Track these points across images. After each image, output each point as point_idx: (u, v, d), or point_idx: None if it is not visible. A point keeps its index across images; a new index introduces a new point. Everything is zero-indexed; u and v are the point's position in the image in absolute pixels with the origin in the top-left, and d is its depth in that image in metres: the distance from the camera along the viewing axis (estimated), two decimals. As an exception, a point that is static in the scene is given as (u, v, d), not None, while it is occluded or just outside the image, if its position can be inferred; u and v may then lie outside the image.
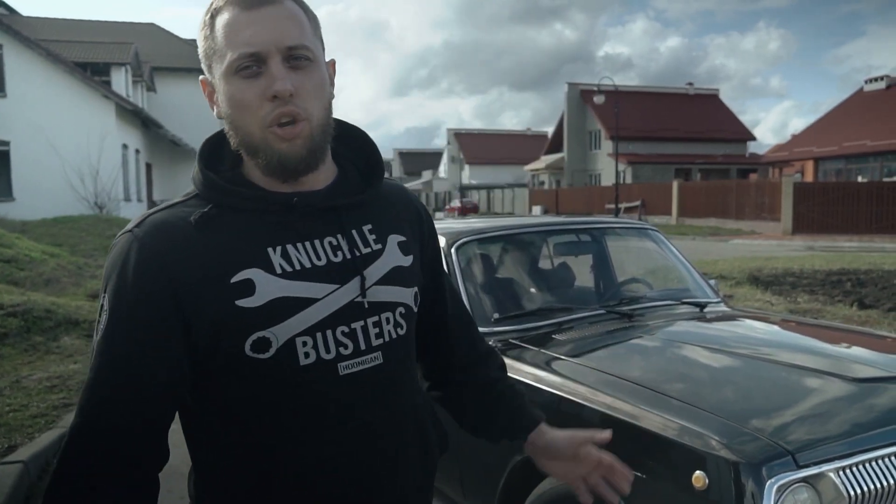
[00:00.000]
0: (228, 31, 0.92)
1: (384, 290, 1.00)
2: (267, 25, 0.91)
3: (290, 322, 0.91)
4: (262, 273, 0.92)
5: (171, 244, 0.91)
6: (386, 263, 1.02)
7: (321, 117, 0.96)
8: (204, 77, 0.99)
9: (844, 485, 1.53)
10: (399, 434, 1.03)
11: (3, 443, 3.76)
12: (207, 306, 0.90)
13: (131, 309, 0.89)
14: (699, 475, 1.55)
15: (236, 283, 0.91)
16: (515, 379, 2.20)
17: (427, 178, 68.16)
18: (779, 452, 1.53)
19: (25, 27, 21.45)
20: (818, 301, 7.76)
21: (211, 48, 0.94)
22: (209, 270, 0.91)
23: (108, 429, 0.88)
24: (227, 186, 0.96)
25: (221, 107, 0.96)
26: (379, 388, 0.99)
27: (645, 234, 3.42)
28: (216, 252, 0.92)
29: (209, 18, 0.94)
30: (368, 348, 0.97)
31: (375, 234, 1.03)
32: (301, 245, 0.96)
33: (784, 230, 21.71)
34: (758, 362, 2.12)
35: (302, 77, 0.93)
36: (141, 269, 0.90)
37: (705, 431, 1.61)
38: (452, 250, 2.77)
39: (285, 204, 0.96)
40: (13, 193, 18.05)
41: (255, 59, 0.91)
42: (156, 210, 0.97)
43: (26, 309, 6.40)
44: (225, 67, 0.92)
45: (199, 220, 0.93)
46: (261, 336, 0.90)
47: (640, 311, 2.76)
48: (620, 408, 1.82)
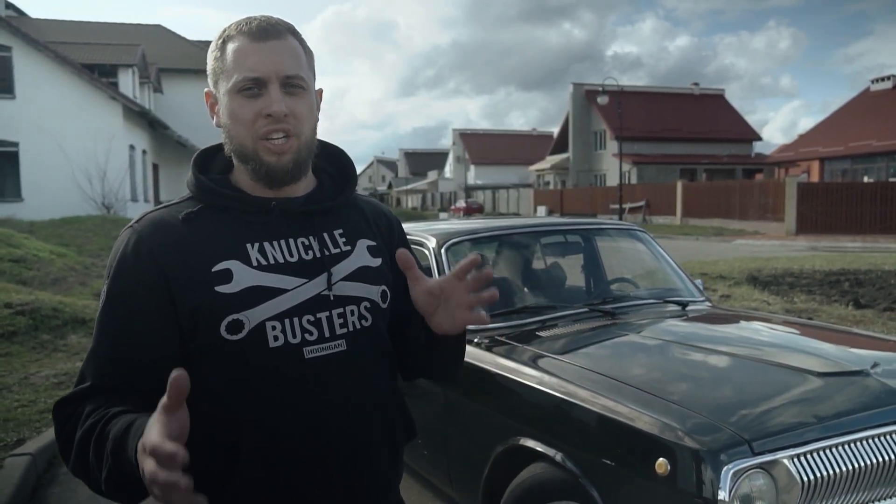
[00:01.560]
0: (237, 56, 1.08)
1: (350, 286, 1.14)
2: (270, 56, 1.07)
3: (262, 307, 1.05)
4: (240, 264, 1.07)
5: (164, 238, 1.07)
6: (353, 263, 1.16)
7: (308, 137, 1.13)
8: (209, 90, 1.15)
9: (798, 471, 1.62)
10: (363, 417, 1.13)
11: (12, 436, 3.89)
12: (191, 291, 1.04)
13: (128, 291, 1.05)
14: (662, 462, 1.65)
15: (217, 271, 1.05)
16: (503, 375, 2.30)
17: (432, 179, 68.24)
18: (736, 441, 1.62)
19: (34, 29, 21.67)
20: (815, 301, 7.82)
21: (220, 68, 1.10)
22: (194, 260, 1.06)
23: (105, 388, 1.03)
24: (216, 188, 1.12)
25: (222, 118, 1.12)
26: (343, 373, 1.10)
27: (633, 234, 3.51)
28: (201, 245, 1.07)
29: (221, 43, 1.11)
30: (332, 336, 1.10)
31: (345, 238, 1.18)
32: (276, 243, 1.11)
33: (787, 231, 21.70)
34: (727, 357, 2.22)
35: (295, 102, 1.09)
36: (138, 258, 1.06)
37: (668, 421, 1.71)
38: (443, 251, 2.88)
39: (264, 207, 1.12)
40: (22, 194, 18.25)
41: (257, 82, 1.07)
42: (154, 209, 1.13)
43: (34, 308, 6.54)
44: (230, 86, 1.08)
45: (186, 217, 1.09)
46: (235, 318, 1.04)
47: (624, 309, 2.86)
48: (594, 400, 1.92)
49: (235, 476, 1.05)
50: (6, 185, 18.45)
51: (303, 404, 1.07)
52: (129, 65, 22.21)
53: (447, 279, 1.08)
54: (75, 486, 3.47)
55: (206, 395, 1.05)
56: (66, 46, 20.99)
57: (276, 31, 1.09)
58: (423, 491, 3.14)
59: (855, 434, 1.72)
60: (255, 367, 1.05)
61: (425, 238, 2.98)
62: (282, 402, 1.06)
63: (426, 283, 1.09)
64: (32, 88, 18.13)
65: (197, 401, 1.05)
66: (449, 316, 1.10)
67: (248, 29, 1.08)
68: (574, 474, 1.90)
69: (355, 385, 1.12)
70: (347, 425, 1.11)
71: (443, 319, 1.11)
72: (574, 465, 1.91)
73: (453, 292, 1.07)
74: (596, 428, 1.90)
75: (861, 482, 1.71)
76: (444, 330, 1.12)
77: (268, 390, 1.06)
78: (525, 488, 2.09)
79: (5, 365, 5.40)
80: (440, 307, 1.10)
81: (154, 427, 0.81)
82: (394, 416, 1.21)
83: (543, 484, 2.03)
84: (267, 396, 1.06)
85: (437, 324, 1.12)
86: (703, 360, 2.23)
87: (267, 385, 1.06)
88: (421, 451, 2.78)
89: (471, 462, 2.42)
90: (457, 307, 1.08)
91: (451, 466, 2.59)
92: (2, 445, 3.75)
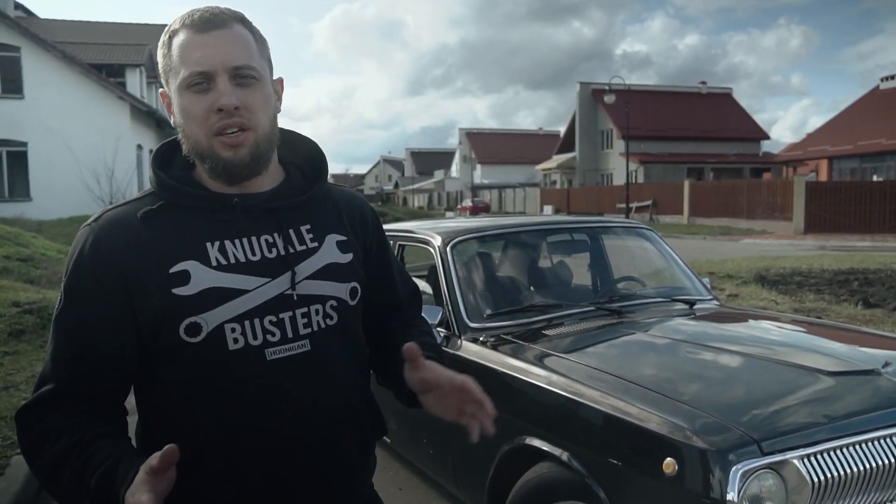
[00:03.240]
0: (182, 51, 1.04)
1: (315, 285, 1.10)
2: (216, 48, 1.03)
3: (220, 310, 1.02)
4: (198, 265, 1.03)
5: (120, 238, 1.04)
6: (320, 260, 1.12)
7: (266, 128, 1.08)
8: (163, 90, 1.11)
9: (808, 472, 1.60)
10: (328, 416, 1.10)
11: (18, 434, 3.90)
12: (149, 294, 1.02)
13: (85, 293, 1.03)
14: (669, 462, 1.62)
15: (174, 273, 1.02)
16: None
17: (439, 178, 68.24)
18: (745, 440, 1.60)
19: (42, 30, 21.77)
20: (823, 300, 7.76)
21: (168, 65, 1.06)
22: (152, 262, 1.03)
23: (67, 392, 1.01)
24: (175, 185, 1.08)
25: (176, 117, 1.08)
26: (308, 374, 1.08)
27: (640, 233, 3.49)
28: (159, 245, 1.04)
29: (167, 39, 1.07)
30: (296, 336, 1.07)
31: (313, 234, 1.13)
32: (238, 241, 1.07)
33: (796, 230, 21.58)
34: (736, 356, 2.19)
35: (247, 93, 1.04)
36: (94, 260, 1.03)
37: (676, 420, 1.69)
38: (448, 249, 2.86)
39: (226, 203, 1.08)
40: (30, 193, 18.36)
41: (205, 76, 1.02)
42: (113, 206, 1.10)
43: (42, 307, 6.57)
44: (179, 82, 1.04)
45: (144, 215, 1.06)
46: (192, 321, 1.01)
47: (631, 308, 2.84)
48: (601, 399, 1.90)
49: (200, 478, 1.03)
50: (15, 184, 18.56)
51: (265, 406, 1.05)
52: (137, 64, 22.29)
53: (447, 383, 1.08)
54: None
55: (168, 395, 1.05)
56: (74, 46, 21.08)
57: (221, 21, 1.04)
58: (428, 490, 3.12)
59: (866, 434, 1.69)
60: (214, 369, 1.03)
61: (430, 236, 2.97)
62: (243, 404, 1.04)
63: (426, 372, 1.08)
64: (41, 88, 18.22)
65: (159, 401, 1.07)
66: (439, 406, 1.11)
67: (192, 21, 1.04)
68: (580, 474, 1.88)
69: (320, 385, 1.09)
70: (312, 425, 1.08)
71: (432, 404, 1.11)
72: (580, 465, 1.89)
73: (451, 395, 1.08)
74: (603, 427, 1.88)
75: (872, 483, 1.68)
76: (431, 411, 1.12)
77: (229, 392, 1.04)
78: (531, 488, 2.07)
79: (13, 363, 5.42)
80: (432, 395, 1.11)
81: (142, 487, 0.84)
82: (363, 415, 1.18)
83: (549, 484, 2.01)
84: (228, 398, 1.04)
85: (424, 401, 1.12)
86: (712, 360, 2.21)
87: (227, 386, 1.04)
88: (426, 450, 2.77)
89: (476, 461, 2.40)
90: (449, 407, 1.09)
91: (457, 465, 2.58)
92: (8, 444, 3.75)
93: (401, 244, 3.23)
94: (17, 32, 18.19)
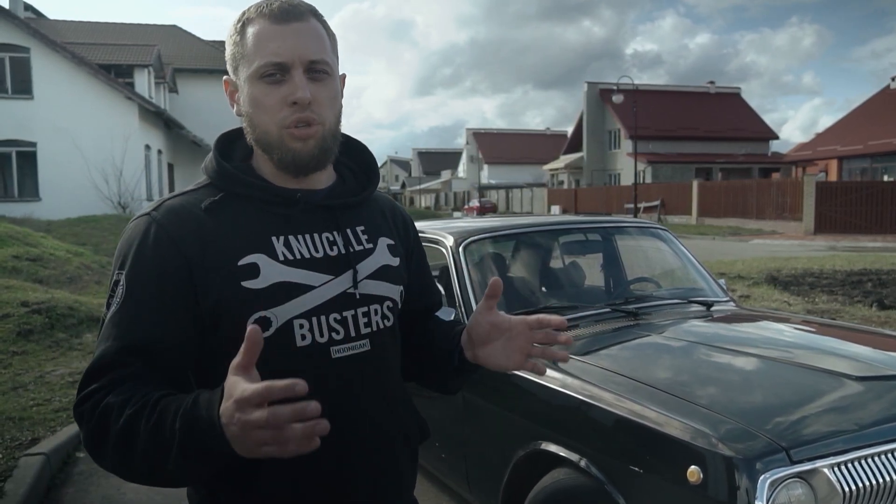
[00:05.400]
0: (258, 40, 1.02)
1: (374, 285, 1.11)
2: (293, 39, 1.01)
3: (289, 305, 1.01)
4: (267, 258, 1.01)
5: (185, 227, 1.00)
6: (376, 261, 1.13)
7: (332, 124, 1.07)
8: (228, 77, 1.09)
9: (839, 481, 1.54)
10: (384, 417, 1.11)
11: (27, 435, 3.88)
12: (216, 285, 0.99)
13: (149, 281, 0.98)
14: (694, 470, 1.57)
15: (243, 265, 1.00)
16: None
17: (446, 178, 68.22)
18: (773, 448, 1.54)
19: (51, 30, 21.88)
20: (837, 301, 7.67)
21: (239, 53, 1.04)
22: (218, 252, 1.00)
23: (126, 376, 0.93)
24: (239, 176, 1.06)
25: (243, 105, 1.06)
26: (366, 373, 1.08)
27: (654, 233, 3.43)
28: (225, 236, 1.01)
29: (240, 26, 1.04)
30: (357, 335, 1.07)
31: (367, 235, 1.14)
32: (301, 237, 1.06)
33: (806, 230, 21.42)
34: (758, 360, 2.13)
35: (319, 88, 1.04)
36: (159, 247, 0.99)
37: (700, 427, 1.63)
38: (460, 249, 2.81)
39: (289, 198, 1.06)
40: (39, 193, 18.43)
41: (280, 67, 1.01)
42: (171, 196, 1.07)
43: (50, 307, 6.57)
44: (251, 72, 1.02)
45: (209, 206, 1.03)
46: (262, 315, 0.99)
47: (647, 309, 2.78)
48: (619, 403, 1.85)
49: (260, 476, 1.01)
50: (24, 184, 18.65)
51: (329, 404, 1.01)
52: (145, 65, 22.35)
53: (520, 322, 1.08)
54: (88, 487, 3.45)
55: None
56: (83, 47, 21.18)
57: (299, 13, 1.03)
58: (440, 495, 3.07)
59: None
60: (280, 365, 0.99)
61: (442, 236, 2.92)
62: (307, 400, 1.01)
63: (497, 316, 1.09)
64: (50, 89, 18.29)
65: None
66: (503, 354, 1.09)
67: (269, 11, 1.02)
68: (599, 481, 1.83)
69: (377, 385, 1.10)
70: (370, 426, 1.08)
71: (496, 354, 1.10)
72: (599, 471, 1.84)
73: (520, 336, 1.08)
74: (622, 433, 1.83)
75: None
76: (491, 363, 1.11)
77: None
78: (548, 494, 2.02)
79: (21, 363, 5.41)
80: (498, 342, 1.09)
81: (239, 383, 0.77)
82: (410, 416, 1.19)
83: (567, 490, 1.96)
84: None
85: (486, 355, 1.11)
86: (733, 363, 2.15)
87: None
88: (439, 454, 2.72)
89: (490, 466, 2.35)
90: (516, 350, 1.08)
91: (470, 470, 2.53)
92: (16, 444, 3.73)
93: (412, 244, 3.18)
94: (26, 33, 18.27)
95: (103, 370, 0.94)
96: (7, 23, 18.17)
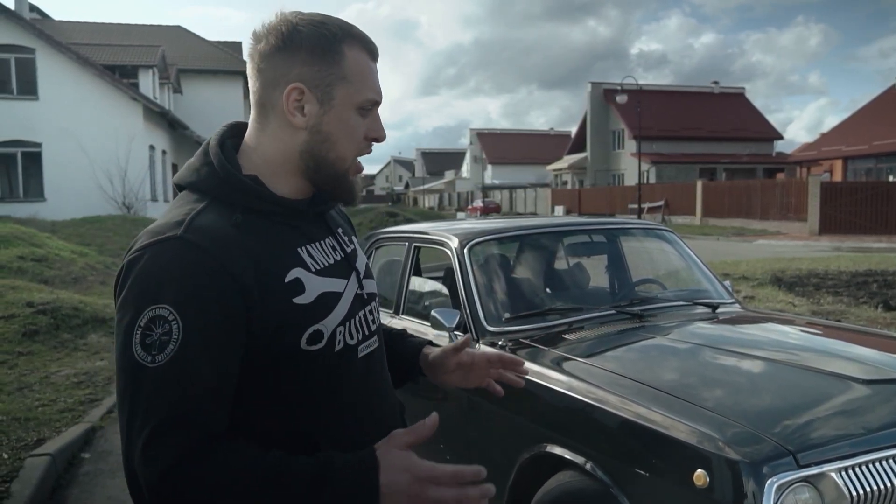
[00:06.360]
0: (363, 70, 1.05)
1: (368, 283, 1.16)
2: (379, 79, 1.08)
3: (333, 315, 1.04)
4: (304, 271, 1.02)
5: (225, 247, 0.93)
6: (363, 260, 1.18)
7: None
8: (299, 85, 1.00)
9: (847, 485, 1.53)
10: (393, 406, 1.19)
11: (32, 436, 3.89)
12: (269, 305, 0.94)
13: (205, 314, 0.89)
14: (700, 473, 1.56)
15: (289, 282, 0.99)
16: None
17: (450, 178, 68.21)
18: (780, 452, 1.54)
19: (56, 31, 21.93)
20: (842, 303, 7.64)
21: (337, 73, 1.02)
22: (265, 272, 0.96)
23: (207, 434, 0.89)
24: (262, 193, 1.01)
25: (325, 125, 1.02)
26: (381, 367, 1.16)
27: (659, 234, 3.42)
28: (263, 254, 0.97)
29: (336, 44, 1.02)
30: (370, 333, 1.13)
31: (346, 236, 1.18)
32: (314, 246, 1.07)
33: (810, 230, 21.35)
34: (764, 362, 2.13)
35: None
36: (208, 272, 0.90)
37: (707, 430, 1.63)
38: (465, 251, 2.81)
39: (298, 209, 1.07)
40: (44, 194, 18.48)
41: (375, 105, 1.07)
42: (193, 214, 0.96)
43: (55, 307, 6.59)
44: (356, 101, 1.04)
45: (240, 223, 0.97)
46: (315, 329, 1.00)
47: (652, 311, 2.77)
48: (625, 406, 1.85)
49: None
50: (29, 185, 18.70)
51: (359, 402, 1.09)
52: (150, 66, 22.40)
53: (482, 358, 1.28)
54: (94, 488, 3.46)
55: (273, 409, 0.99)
56: (88, 48, 21.22)
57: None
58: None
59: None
60: (323, 373, 1.03)
61: (447, 238, 2.92)
62: (343, 402, 1.06)
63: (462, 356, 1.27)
64: (55, 90, 18.35)
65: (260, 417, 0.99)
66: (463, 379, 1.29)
67: (367, 44, 1.06)
68: (605, 483, 1.82)
69: (383, 377, 1.17)
70: (383, 414, 1.14)
71: (456, 380, 1.29)
72: (604, 474, 1.83)
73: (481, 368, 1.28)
74: (628, 436, 1.82)
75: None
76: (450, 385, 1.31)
77: (333, 391, 1.05)
78: (553, 497, 2.01)
79: (27, 363, 5.43)
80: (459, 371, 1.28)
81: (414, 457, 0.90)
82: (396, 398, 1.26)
83: (572, 493, 1.95)
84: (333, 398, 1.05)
85: (446, 381, 1.29)
86: (739, 366, 2.14)
87: (333, 387, 1.05)
88: (443, 455, 2.72)
89: (495, 468, 2.34)
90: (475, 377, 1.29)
91: (475, 472, 2.52)
92: (22, 445, 3.74)
93: (416, 245, 3.18)
94: (31, 34, 18.32)
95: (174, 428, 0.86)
96: (12, 24, 18.23)
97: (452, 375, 1.28)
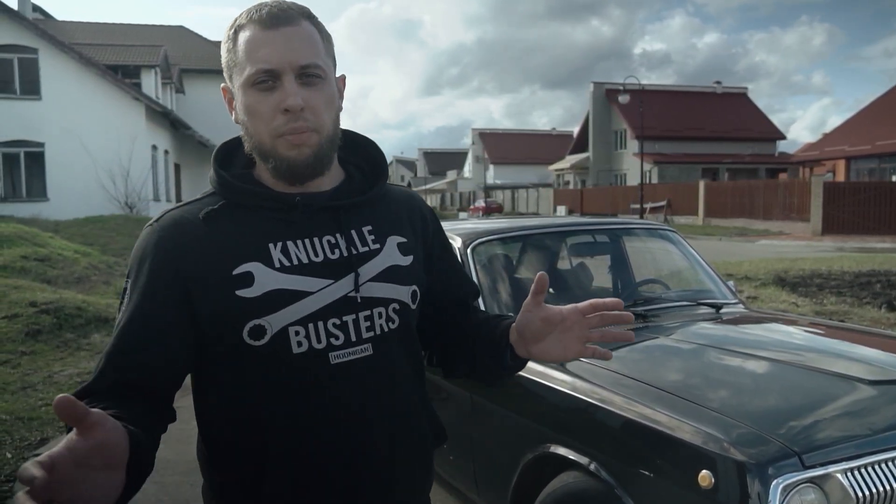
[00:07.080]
0: (248, 47, 1.01)
1: (378, 287, 1.08)
2: (283, 45, 1.00)
3: (284, 312, 1.00)
4: (262, 266, 1.01)
5: (183, 238, 1.02)
6: (383, 262, 1.09)
7: (329, 129, 1.05)
8: (225, 85, 1.08)
9: (852, 486, 1.53)
10: (392, 423, 1.09)
11: (35, 435, 3.90)
12: (211, 295, 1.00)
13: (144, 290, 1.01)
14: (705, 474, 1.56)
15: (237, 274, 1.00)
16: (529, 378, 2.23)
17: (452, 178, 68.22)
18: (785, 453, 1.53)
19: (59, 31, 21.98)
20: (845, 303, 7.63)
21: (232, 60, 1.04)
22: (214, 262, 1.01)
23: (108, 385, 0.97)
24: (237, 184, 1.06)
25: (238, 114, 1.05)
26: (370, 379, 1.06)
27: (662, 234, 3.42)
28: (222, 245, 1.02)
29: (232, 33, 1.04)
30: (359, 340, 1.05)
31: (374, 235, 1.11)
32: (301, 242, 1.04)
33: (813, 231, 21.32)
34: (769, 363, 2.12)
35: (313, 93, 1.02)
36: (155, 258, 1.02)
37: (712, 431, 1.62)
38: (468, 251, 2.81)
39: (288, 203, 1.05)
40: (47, 194, 18.52)
41: (271, 74, 0.99)
42: (175, 206, 1.08)
43: (58, 307, 6.60)
44: (243, 80, 1.01)
45: (207, 215, 1.04)
46: (256, 324, 0.99)
47: (656, 311, 2.77)
48: (629, 406, 1.84)
49: (265, 483, 1.01)
50: (32, 184, 18.74)
51: (329, 410, 1.03)
52: (152, 66, 22.44)
53: (572, 311, 1.06)
54: (97, 487, 3.46)
55: (230, 399, 1.03)
56: (91, 48, 21.26)
57: (289, 17, 1.01)
58: (447, 497, 3.07)
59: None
60: (278, 373, 1.01)
61: (450, 237, 2.91)
62: (307, 407, 1.02)
63: (546, 310, 1.07)
64: (58, 90, 18.38)
65: (220, 404, 1.05)
66: (560, 346, 1.08)
67: (259, 16, 1.01)
68: (609, 484, 1.82)
69: (383, 389, 1.07)
70: (374, 431, 1.06)
71: (551, 348, 1.08)
72: (608, 475, 1.83)
73: (575, 325, 1.06)
74: (632, 436, 1.82)
75: (918, 498, 1.60)
76: (548, 358, 1.10)
77: (292, 395, 1.02)
78: (557, 498, 2.01)
79: (30, 363, 5.44)
80: (552, 336, 1.08)
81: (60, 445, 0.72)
82: (422, 420, 1.15)
83: (576, 494, 1.95)
84: (292, 402, 1.02)
85: (541, 351, 1.09)
86: (744, 366, 2.14)
87: (291, 390, 1.02)
88: (446, 456, 2.71)
89: (499, 469, 2.35)
90: (573, 340, 1.07)
91: (478, 473, 2.52)
92: (25, 444, 3.75)
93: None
94: (34, 34, 18.36)
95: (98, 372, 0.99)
96: (15, 24, 18.27)
97: (547, 343, 1.07)
